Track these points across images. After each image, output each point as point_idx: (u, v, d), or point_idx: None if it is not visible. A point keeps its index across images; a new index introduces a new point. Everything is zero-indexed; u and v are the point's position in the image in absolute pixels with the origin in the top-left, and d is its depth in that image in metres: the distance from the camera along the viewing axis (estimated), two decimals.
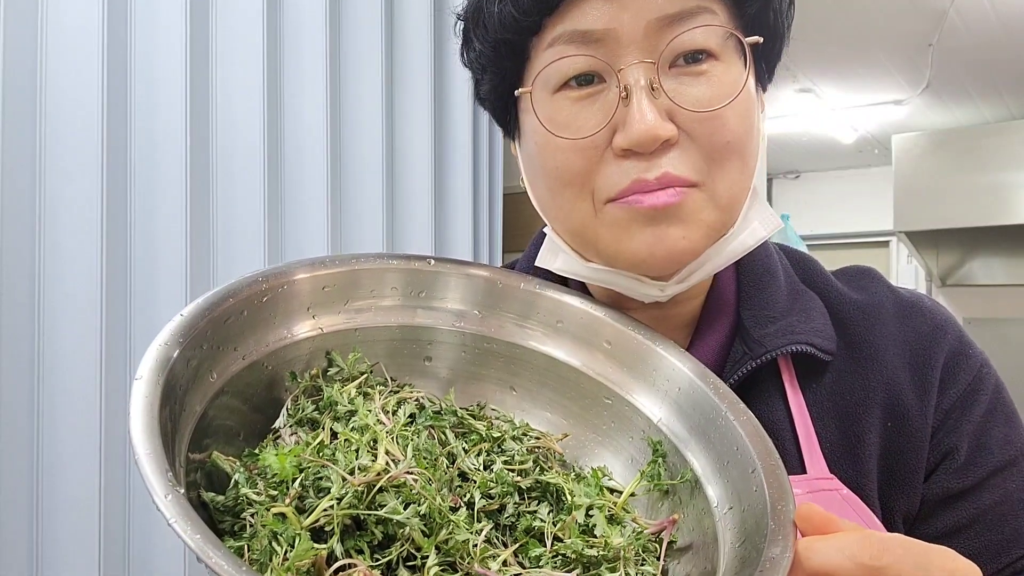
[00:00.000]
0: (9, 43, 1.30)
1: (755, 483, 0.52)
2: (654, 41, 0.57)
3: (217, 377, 0.54)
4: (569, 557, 0.51)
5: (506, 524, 0.54)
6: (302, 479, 0.48)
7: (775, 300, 0.68)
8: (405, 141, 1.93)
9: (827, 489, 0.63)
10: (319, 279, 0.63)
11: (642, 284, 0.64)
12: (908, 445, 0.66)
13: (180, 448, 0.48)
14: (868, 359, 0.67)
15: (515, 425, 0.63)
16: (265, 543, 0.45)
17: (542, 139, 0.61)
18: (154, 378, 0.47)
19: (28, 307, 1.32)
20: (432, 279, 0.67)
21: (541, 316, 0.67)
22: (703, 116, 0.58)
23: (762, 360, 0.65)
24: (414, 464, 0.50)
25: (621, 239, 0.60)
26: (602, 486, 0.58)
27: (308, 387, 0.60)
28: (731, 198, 0.61)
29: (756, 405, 0.66)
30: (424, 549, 0.47)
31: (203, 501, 0.49)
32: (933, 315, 0.70)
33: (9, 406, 1.28)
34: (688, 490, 0.58)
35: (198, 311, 0.54)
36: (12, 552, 1.28)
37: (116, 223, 1.41)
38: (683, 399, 0.61)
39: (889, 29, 3.43)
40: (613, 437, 0.64)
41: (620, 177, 0.59)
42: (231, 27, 1.59)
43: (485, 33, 0.63)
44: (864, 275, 0.75)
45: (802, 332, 0.66)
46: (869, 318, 0.69)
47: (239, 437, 0.56)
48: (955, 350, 0.68)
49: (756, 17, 0.61)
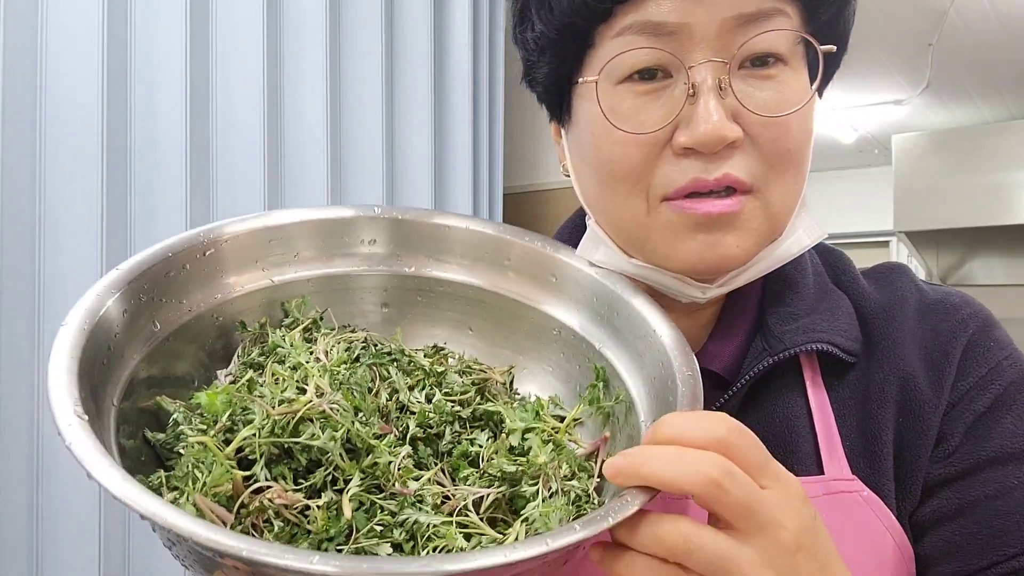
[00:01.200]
0: (9, 43, 1.30)
1: (671, 392, 0.54)
2: (727, 40, 0.56)
3: (161, 327, 0.57)
4: (495, 476, 0.53)
5: (444, 451, 0.56)
6: (231, 413, 0.50)
7: (800, 298, 0.67)
8: (405, 141, 1.93)
9: (847, 491, 0.62)
10: (264, 232, 0.64)
11: (685, 285, 0.63)
12: (917, 441, 0.64)
13: (113, 389, 0.51)
14: (885, 354, 0.66)
15: (463, 360, 0.65)
16: (186, 470, 0.47)
17: (601, 130, 0.60)
18: (80, 325, 0.50)
19: (28, 307, 1.32)
20: (382, 226, 0.68)
21: (492, 256, 0.68)
22: (768, 121, 0.57)
23: (780, 357, 0.64)
24: (339, 397, 0.52)
25: (672, 242, 0.60)
26: (540, 412, 0.59)
27: (258, 334, 0.62)
28: (784, 206, 0.60)
29: (773, 401, 0.65)
30: (347, 472, 0.49)
31: (148, 440, 0.52)
32: (958, 310, 0.68)
33: (9, 407, 1.28)
34: (624, 411, 0.59)
35: (135, 265, 0.56)
36: (12, 553, 1.28)
37: (116, 223, 1.40)
38: (619, 321, 0.63)
39: (889, 29, 3.43)
40: (563, 367, 0.66)
41: (678, 175, 0.58)
42: (231, 27, 1.59)
43: (550, 15, 0.61)
44: (892, 272, 0.73)
45: (824, 331, 0.65)
46: (889, 315, 0.68)
47: (194, 384, 0.59)
48: (974, 342, 0.66)
49: (828, 24, 0.60)
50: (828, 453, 0.63)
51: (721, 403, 0.65)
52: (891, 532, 0.62)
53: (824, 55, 0.59)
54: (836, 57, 0.63)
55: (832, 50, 0.60)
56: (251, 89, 1.60)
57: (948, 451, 0.64)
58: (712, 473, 0.43)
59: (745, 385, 0.65)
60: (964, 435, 0.64)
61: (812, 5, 0.59)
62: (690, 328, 0.69)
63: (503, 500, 0.52)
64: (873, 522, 0.62)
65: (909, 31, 3.44)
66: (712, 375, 0.66)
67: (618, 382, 0.61)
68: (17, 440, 1.29)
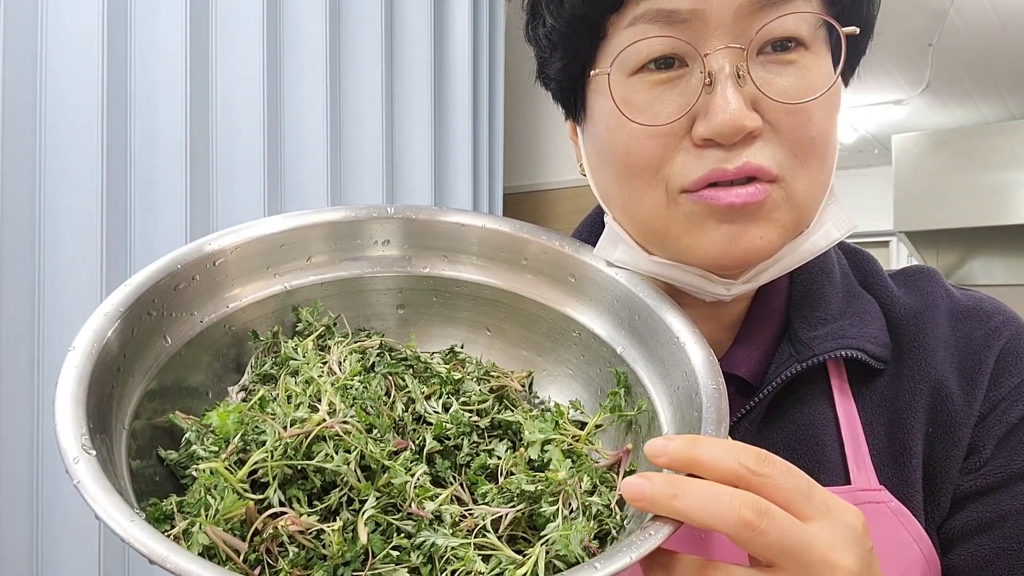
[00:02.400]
0: (9, 43, 1.30)
1: (696, 408, 0.52)
2: (743, 25, 0.53)
3: (172, 342, 0.55)
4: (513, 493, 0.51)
5: (462, 463, 0.54)
6: (243, 434, 0.49)
7: (828, 302, 0.65)
8: (405, 141, 1.93)
9: (874, 501, 0.60)
10: (274, 238, 0.62)
11: (708, 282, 0.60)
12: (948, 452, 0.62)
13: (124, 412, 0.50)
14: (916, 361, 0.64)
15: (480, 366, 0.63)
16: (199, 496, 0.47)
17: (615, 123, 0.58)
18: (88, 349, 0.49)
19: (28, 307, 1.32)
20: (395, 227, 0.66)
21: (513, 256, 0.66)
22: (790, 108, 0.54)
23: (808, 364, 0.61)
24: (352, 414, 0.51)
25: (694, 234, 0.57)
26: (560, 421, 0.58)
27: (271, 344, 0.61)
28: (810, 197, 0.58)
29: (799, 408, 0.63)
30: (362, 493, 0.48)
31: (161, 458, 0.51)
32: (991, 318, 0.65)
33: (9, 406, 1.28)
34: (647, 420, 0.58)
35: (143, 282, 0.55)
36: (12, 552, 1.28)
37: (116, 223, 1.40)
38: (639, 324, 0.61)
39: (889, 29, 3.42)
40: (583, 370, 0.64)
41: (697, 166, 0.55)
42: (231, 27, 1.59)
43: (560, 8, 0.59)
44: (922, 276, 0.70)
45: (854, 337, 0.62)
46: (920, 321, 0.65)
47: (208, 395, 0.57)
48: (1008, 351, 0.64)
49: (851, 6, 0.57)
50: (855, 462, 0.61)
51: (746, 410, 0.63)
52: (919, 543, 0.60)
53: (847, 38, 0.56)
54: (861, 41, 0.60)
55: (855, 32, 0.56)
56: (251, 89, 1.60)
57: (979, 463, 0.62)
58: (745, 514, 0.41)
59: (771, 392, 0.63)
60: (996, 447, 0.62)
61: None
62: (714, 331, 0.67)
63: (522, 517, 0.50)
64: (901, 533, 0.60)
65: (909, 31, 3.44)
66: (736, 380, 0.64)
67: (640, 389, 0.59)
68: (17, 440, 1.29)
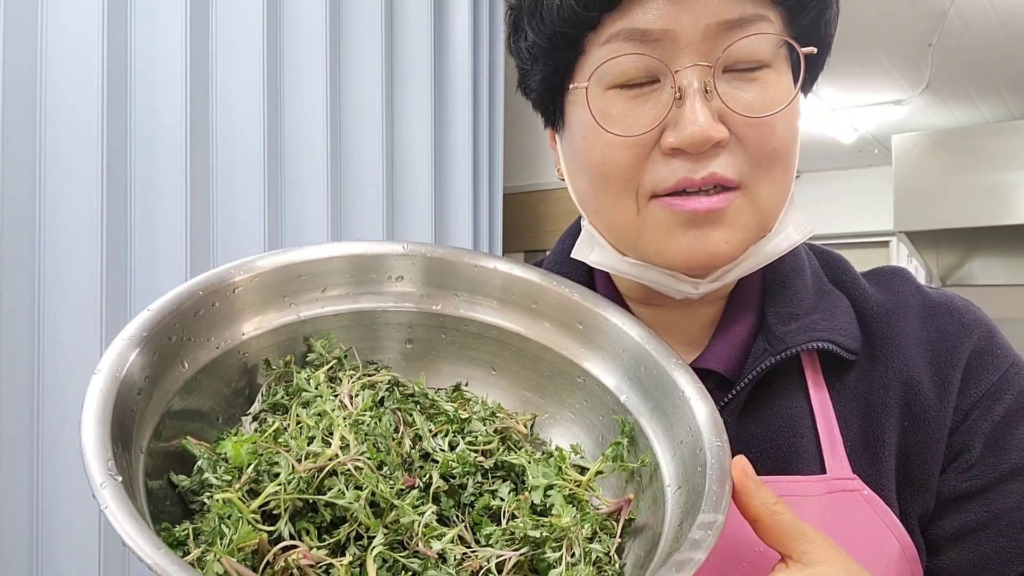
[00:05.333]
0: (9, 43, 1.30)
1: (700, 463, 0.54)
2: (711, 45, 0.58)
3: (189, 367, 0.56)
4: (518, 536, 0.52)
5: (466, 503, 0.56)
6: (256, 465, 0.50)
7: (800, 298, 0.68)
8: (405, 141, 1.93)
9: (848, 489, 0.63)
10: (293, 268, 0.64)
11: (677, 281, 0.64)
12: (924, 445, 0.65)
13: (142, 436, 0.50)
14: (888, 357, 0.67)
15: (486, 406, 0.64)
16: (213, 525, 0.47)
17: (592, 134, 0.62)
18: (111, 372, 0.49)
19: (28, 307, 1.32)
20: (407, 263, 0.68)
21: (522, 299, 0.68)
22: (753, 121, 0.59)
23: (782, 356, 0.65)
24: (364, 450, 0.52)
25: (662, 239, 0.61)
26: (562, 466, 0.60)
27: (282, 373, 0.62)
28: (772, 203, 0.62)
29: (776, 401, 0.66)
30: (371, 530, 0.49)
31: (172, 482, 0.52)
32: (961, 315, 0.69)
33: (9, 406, 1.28)
34: (649, 473, 0.59)
35: (165, 306, 0.55)
36: (12, 552, 1.28)
37: (116, 223, 1.40)
38: (644, 375, 0.63)
39: (889, 29, 3.43)
40: (586, 415, 0.66)
41: (667, 174, 0.59)
42: (231, 27, 1.59)
43: (541, 24, 0.63)
44: (894, 275, 0.74)
45: (824, 330, 0.66)
46: (892, 317, 0.69)
47: (219, 420, 0.58)
48: (981, 349, 0.67)
49: (809, 27, 0.62)
50: (830, 452, 0.64)
51: (724, 403, 0.66)
52: (892, 530, 0.63)
53: (806, 57, 0.61)
54: (819, 59, 0.65)
55: (813, 52, 0.61)
56: (251, 90, 1.60)
57: (969, 463, 0.65)
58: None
59: (748, 385, 0.65)
60: (984, 446, 0.65)
61: (793, 10, 0.61)
62: (692, 329, 0.70)
63: (525, 561, 0.52)
64: (875, 520, 0.62)
65: (909, 31, 3.44)
66: (714, 375, 0.67)
67: (643, 440, 0.61)
68: (17, 440, 1.29)
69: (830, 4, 0.63)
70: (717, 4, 0.57)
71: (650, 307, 0.71)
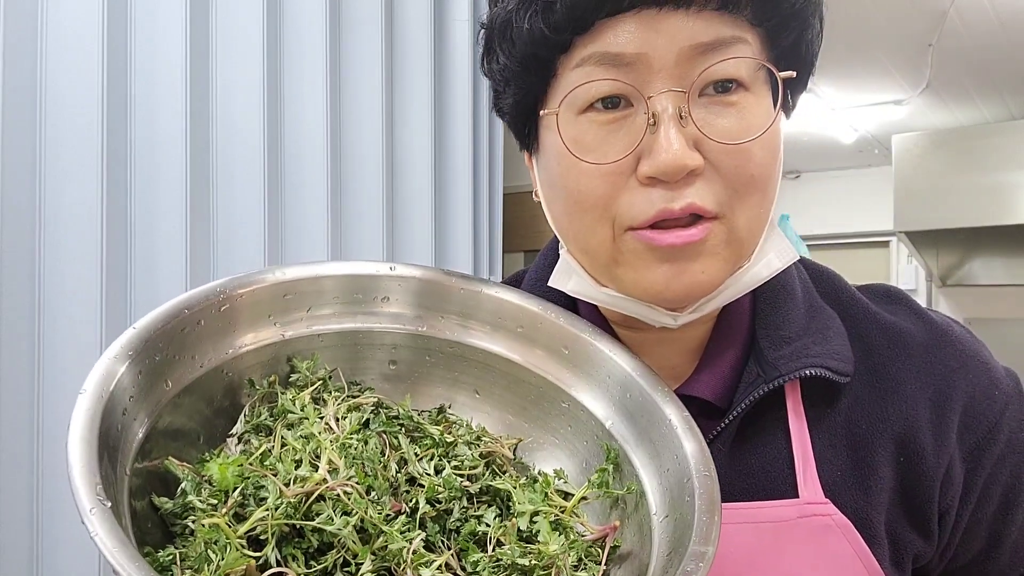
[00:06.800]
0: (9, 43, 1.30)
1: (688, 493, 0.53)
2: (685, 69, 0.56)
3: (172, 385, 0.55)
4: (505, 564, 0.52)
5: (452, 528, 0.55)
6: (243, 488, 0.50)
7: (791, 320, 0.67)
8: (405, 141, 1.93)
9: (819, 514, 0.62)
10: (280, 287, 0.63)
11: (656, 312, 0.63)
12: (920, 484, 0.65)
13: (126, 456, 0.50)
14: (888, 391, 0.66)
15: (471, 429, 0.64)
16: (200, 550, 0.47)
17: (566, 161, 0.60)
18: (97, 392, 0.48)
19: (28, 307, 1.32)
20: (394, 284, 0.68)
21: (508, 323, 0.68)
22: (730, 148, 0.57)
23: (776, 384, 0.63)
24: (352, 475, 0.52)
25: (639, 270, 0.60)
26: (548, 492, 0.59)
27: (266, 393, 0.61)
28: (750, 232, 0.60)
29: (767, 428, 0.65)
30: (359, 557, 0.49)
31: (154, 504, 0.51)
32: (962, 347, 0.68)
33: (9, 406, 1.28)
34: (634, 500, 0.59)
35: (151, 323, 0.55)
36: (12, 552, 1.28)
37: (116, 223, 1.40)
38: (630, 403, 0.62)
39: (889, 29, 3.43)
40: (570, 440, 0.65)
41: (645, 206, 0.57)
42: (231, 27, 1.59)
43: (512, 47, 0.61)
44: (890, 296, 0.73)
45: (817, 355, 0.64)
46: (895, 346, 0.68)
47: (200, 440, 0.57)
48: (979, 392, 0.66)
49: (789, 49, 0.60)
50: (803, 477, 0.63)
51: (716, 433, 0.65)
52: (860, 557, 0.62)
53: (786, 80, 0.59)
54: (801, 79, 0.63)
55: (792, 75, 0.59)
56: (251, 90, 1.60)
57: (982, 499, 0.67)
58: None
59: (741, 413, 0.64)
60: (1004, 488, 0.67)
61: (772, 31, 0.59)
62: (673, 355, 0.69)
63: None
64: (844, 546, 0.62)
65: (909, 31, 3.44)
66: (699, 402, 0.66)
67: (629, 468, 0.60)
68: (17, 440, 1.29)
69: (811, 24, 0.60)
70: (692, 27, 0.55)
71: (634, 331, 0.69)
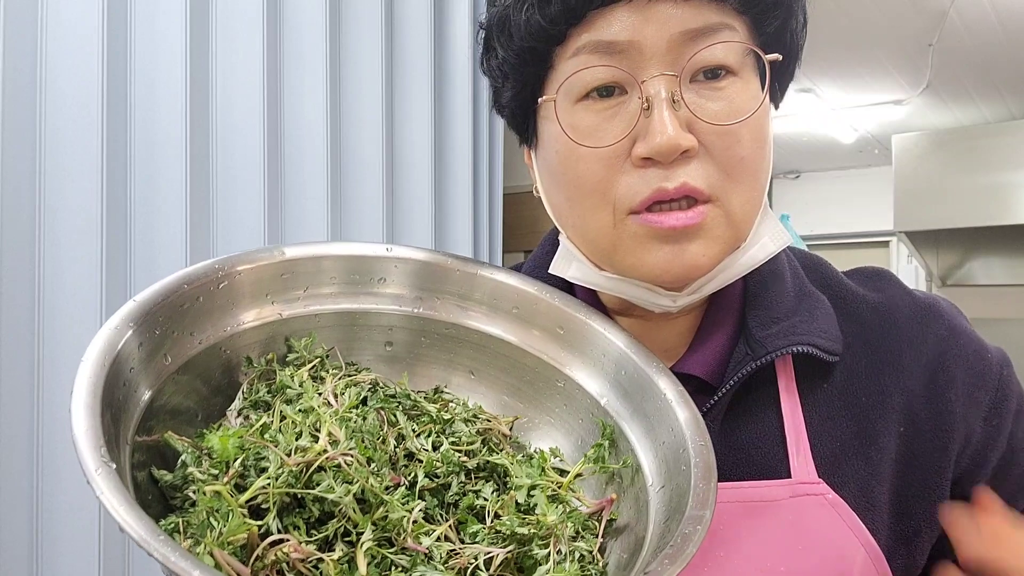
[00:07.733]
0: (9, 43, 1.30)
1: (683, 462, 0.55)
2: (676, 54, 0.59)
3: (171, 361, 0.56)
4: (504, 534, 0.53)
5: (450, 502, 0.56)
6: (243, 459, 0.50)
7: (780, 302, 0.69)
8: (405, 141, 1.93)
9: (812, 494, 0.64)
10: (279, 266, 0.64)
11: (655, 295, 0.65)
12: (923, 453, 0.67)
13: (127, 427, 0.50)
14: (886, 363, 0.68)
15: (467, 408, 0.65)
16: (202, 518, 0.47)
17: (564, 147, 0.62)
18: (100, 360, 0.49)
19: (28, 307, 1.32)
20: (392, 266, 0.68)
21: (505, 304, 0.69)
22: (720, 130, 0.59)
23: (764, 361, 0.65)
24: (352, 446, 0.52)
25: (639, 253, 0.62)
26: (545, 467, 0.60)
27: (264, 371, 0.62)
28: (744, 214, 0.62)
29: (757, 405, 0.67)
30: (360, 526, 0.49)
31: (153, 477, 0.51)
32: (949, 318, 0.71)
33: (9, 406, 1.28)
34: (630, 473, 0.60)
35: (152, 296, 0.55)
36: (12, 553, 1.28)
37: (116, 223, 1.40)
38: (624, 379, 0.63)
39: (889, 29, 3.43)
40: (565, 419, 0.66)
41: (641, 186, 0.60)
42: (231, 27, 1.59)
43: (510, 41, 0.64)
44: (878, 276, 0.75)
45: (804, 333, 0.66)
46: (886, 321, 0.70)
47: (198, 418, 0.58)
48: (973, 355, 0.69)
49: (774, 36, 0.63)
50: (796, 455, 0.65)
51: (707, 409, 0.66)
52: (856, 533, 0.63)
53: (773, 64, 0.62)
54: (787, 67, 0.66)
55: (778, 59, 0.62)
56: (251, 89, 1.60)
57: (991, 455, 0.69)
58: None
59: (730, 391, 0.66)
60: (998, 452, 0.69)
61: (757, 19, 0.61)
62: (672, 336, 0.71)
63: (512, 558, 0.53)
64: (838, 524, 0.63)
65: (909, 31, 3.44)
66: (694, 380, 0.68)
67: (624, 443, 0.61)
68: (17, 440, 1.29)
69: (795, 13, 0.64)
70: (681, 14, 0.58)
71: (631, 318, 0.71)
